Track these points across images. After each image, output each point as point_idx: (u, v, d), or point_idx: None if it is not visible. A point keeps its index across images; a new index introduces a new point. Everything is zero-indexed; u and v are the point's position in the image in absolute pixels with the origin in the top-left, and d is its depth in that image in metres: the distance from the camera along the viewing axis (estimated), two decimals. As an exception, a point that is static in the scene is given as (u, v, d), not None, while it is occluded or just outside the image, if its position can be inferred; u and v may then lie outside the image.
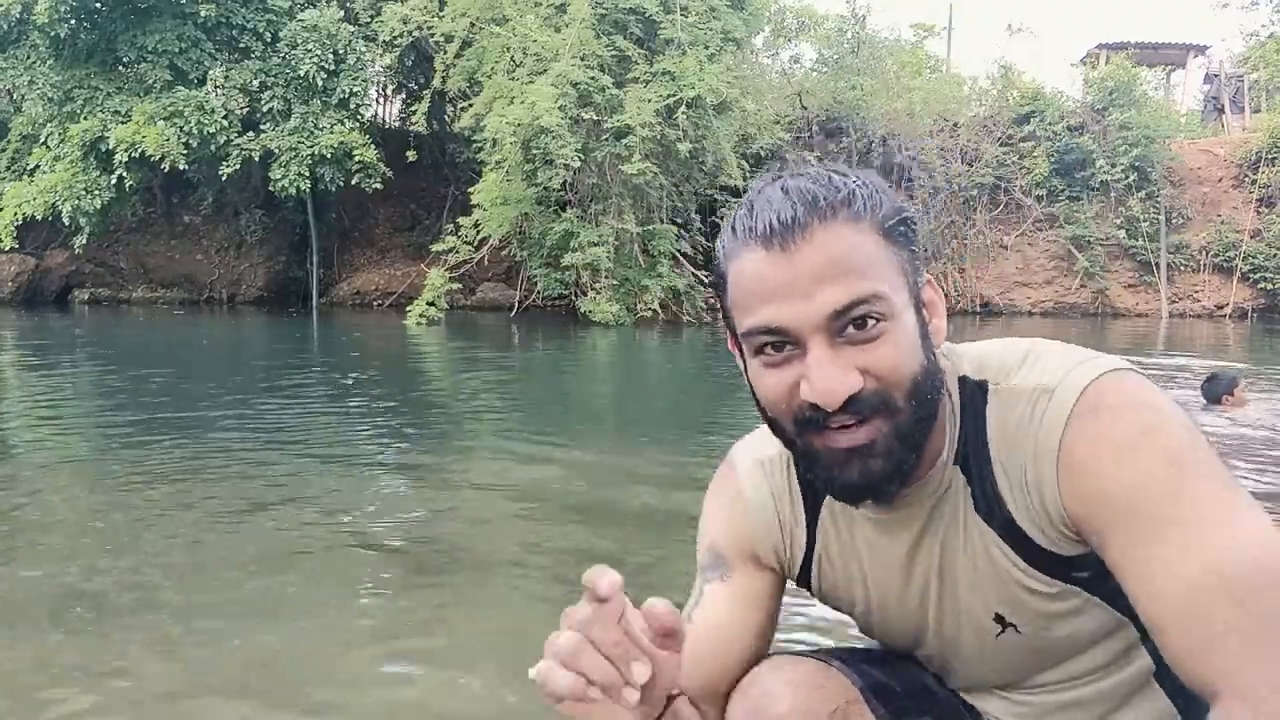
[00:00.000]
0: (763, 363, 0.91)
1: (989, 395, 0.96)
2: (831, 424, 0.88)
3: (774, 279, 0.87)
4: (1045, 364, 0.94)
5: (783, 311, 0.86)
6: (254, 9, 17.91)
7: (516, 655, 2.47)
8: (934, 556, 1.01)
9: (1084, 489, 0.87)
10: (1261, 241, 18.71)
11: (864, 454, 0.89)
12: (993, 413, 0.95)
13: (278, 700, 2.20)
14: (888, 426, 0.88)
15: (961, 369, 0.99)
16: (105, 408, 6.66)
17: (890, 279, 0.88)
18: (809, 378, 0.86)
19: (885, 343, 0.87)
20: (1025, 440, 0.92)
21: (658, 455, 5.01)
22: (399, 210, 21.69)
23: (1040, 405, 0.91)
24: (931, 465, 0.97)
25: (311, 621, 2.66)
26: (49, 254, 20.37)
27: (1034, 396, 0.92)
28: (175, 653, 2.44)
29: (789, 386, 0.89)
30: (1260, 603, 0.78)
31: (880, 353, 0.87)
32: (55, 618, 2.67)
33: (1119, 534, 0.85)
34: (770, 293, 0.87)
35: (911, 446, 0.90)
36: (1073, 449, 0.88)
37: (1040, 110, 19.70)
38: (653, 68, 15.13)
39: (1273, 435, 5.43)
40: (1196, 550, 0.81)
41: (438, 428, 6.27)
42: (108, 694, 2.19)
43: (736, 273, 0.90)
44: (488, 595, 2.97)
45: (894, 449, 0.89)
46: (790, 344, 0.88)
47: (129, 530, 3.52)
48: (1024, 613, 0.98)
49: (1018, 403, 0.93)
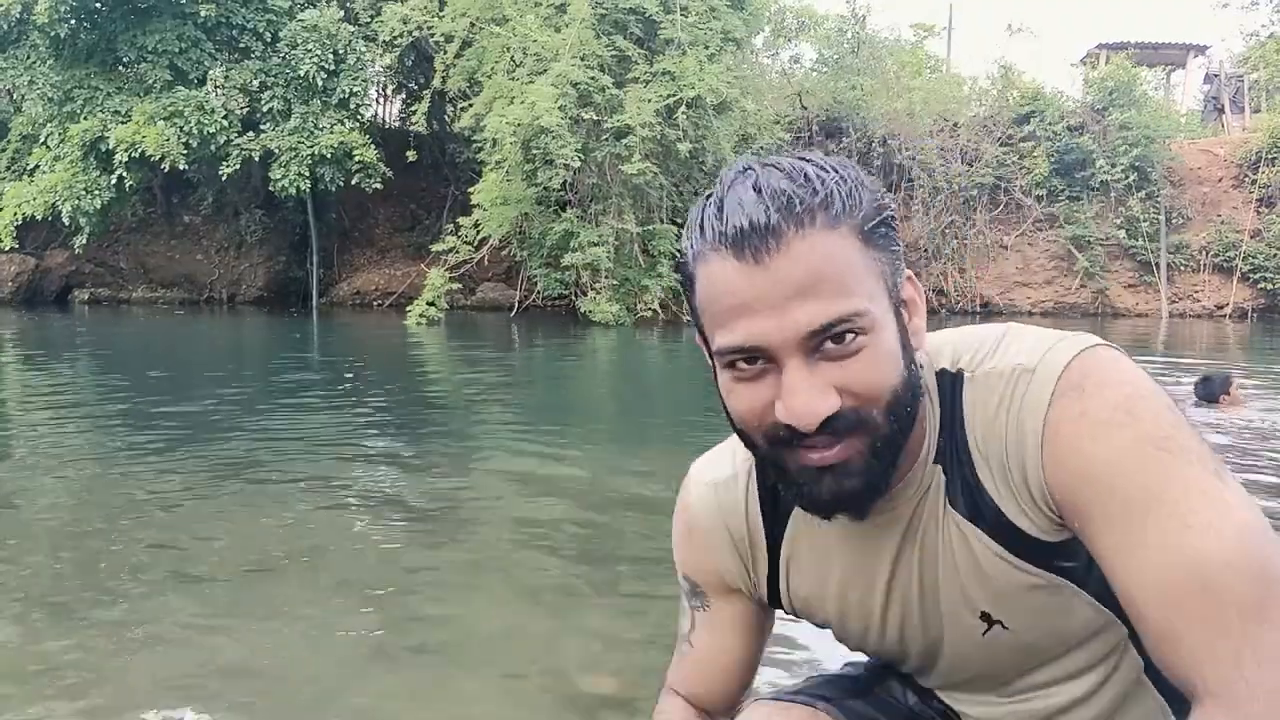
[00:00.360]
0: (734, 377, 0.87)
1: (965, 384, 0.93)
2: (805, 444, 0.85)
3: (747, 293, 0.81)
4: (1022, 345, 0.92)
5: (756, 329, 0.82)
6: (254, 9, 17.91)
7: (513, 657, 2.47)
8: (915, 558, 0.98)
9: (1068, 466, 0.85)
10: (1261, 241, 18.70)
11: (838, 472, 0.86)
12: (970, 400, 0.92)
13: (268, 700, 2.20)
14: (864, 443, 0.85)
15: (939, 362, 0.96)
16: (105, 407, 6.66)
17: (870, 288, 0.83)
18: (784, 400, 0.83)
19: (864, 358, 0.83)
20: (1007, 422, 0.89)
21: (657, 455, 5.02)
22: (399, 210, 21.69)
23: (1021, 385, 0.88)
24: (911, 467, 0.95)
25: (305, 621, 2.66)
26: (49, 254, 20.38)
27: (1013, 377, 0.89)
28: (170, 653, 2.44)
29: (763, 404, 0.85)
30: (1237, 596, 0.76)
31: (858, 368, 0.83)
32: (43, 614, 2.67)
33: (1100, 515, 0.83)
34: (743, 307, 0.82)
35: (889, 461, 0.88)
36: (1058, 426, 0.85)
37: (1040, 110, 19.70)
38: (653, 68, 15.14)
39: (1272, 432, 5.45)
40: (1175, 537, 0.79)
41: (437, 428, 6.27)
42: (102, 694, 2.19)
43: (706, 278, 0.85)
44: (486, 598, 2.97)
45: (870, 466, 0.86)
46: (764, 359, 0.84)
47: (128, 530, 3.52)
48: (1010, 608, 0.96)
49: (997, 384, 0.90)
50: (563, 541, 3.53)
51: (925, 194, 19.49)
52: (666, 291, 15.68)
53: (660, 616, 2.68)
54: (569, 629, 2.65)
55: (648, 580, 3.03)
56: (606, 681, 2.30)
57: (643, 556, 3.30)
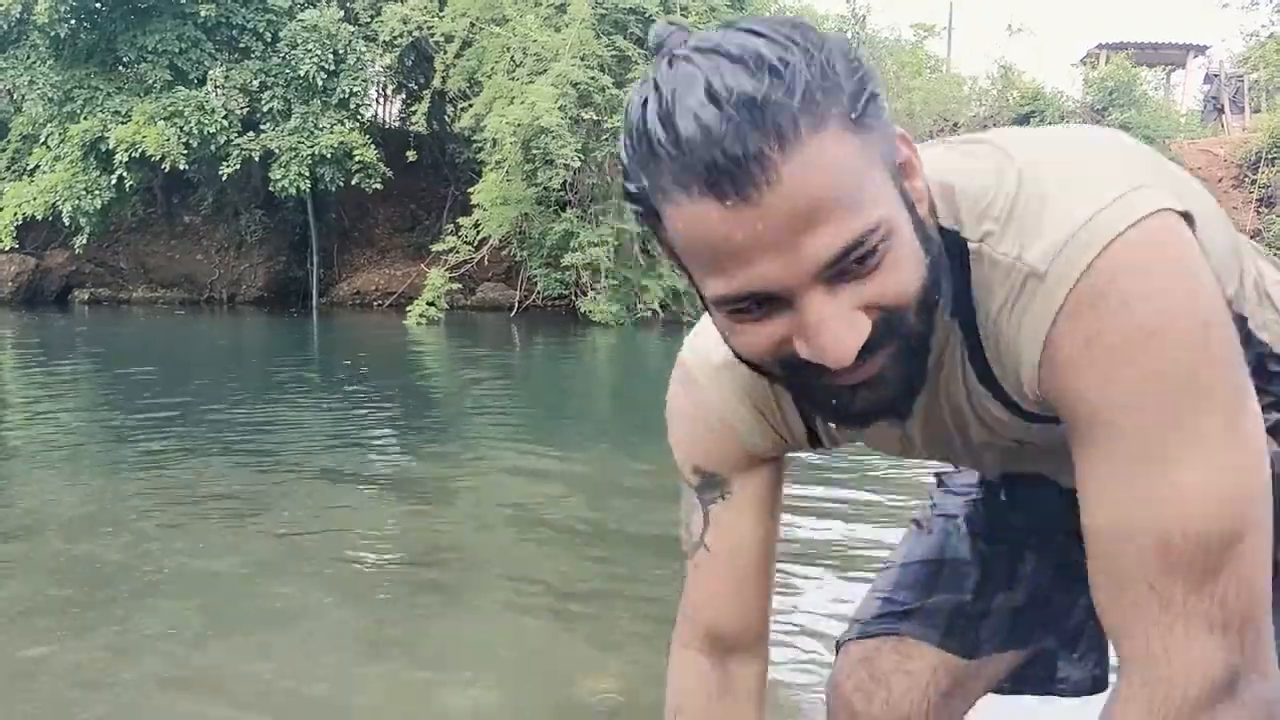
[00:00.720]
0: (736, 320, 0.73)
1: (970, 257, 0.79)
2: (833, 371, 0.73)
3: (740, 237, 0.66)
4: (1039, 220, 0.75)
5: (758, 273, 0.68)
6: (254, 9, 17.90)
7: (513, 657, 2.47)
8: (944, 408, 0.90)
9: (1064, 386, 0.75)
10: (1261, 241, 18.70)
11: (874, 384, 0.75)
12: (976, 280, 0.79)
13: (266, 699, 2.20)
14: (896, 348, 0.73)
15: (942, 218, 0.80)
16: (104, 406, 6.66)
17: (878, 185, 0.70)
18: (809, 339, 0.70)
19: (887, 265, 0.70)
20: (1009, 324, 0.78)
21: (657, 455, 5.01)
22: (399, 210, 21.68)
23: (1028, 292, 0.75)
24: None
25: (302, 622, 2.66)
26: (49, 254, 20.36)
27: (1021, 278, 0.75)
28: (166, 652, 2.44)
29: (776, 341, 0.73)
30: (1192, 568, 0.72)
31: (884, 278, 0.70)
32: (35, 615, 2.67)
33: (1087, 440, 0.76)
34: (738, 253, 0.67)
35: (923, 355, 0.77)
36: (1059, 344, 0.74)
37: (1040, 110, 19.69)
38: (653, 68, 15.14)
39: None
40: (1156, 492, 0.72)
41: (437, 430, 6.26)
42: (101, 694, 2.19)
43: (680, 222, 0.69)
44: (485, 597, 2.97)
45: (907, 370, 0.75)
46: (774, 300, 0.71)
47: (125, 528, 3.52)
48: (1041, 437, 0.89)
49: (1003, 279, 0.77)
50: (563, 541, 3.53)
51: (925, 194, 19.51)
52: (666, 291, 15.68)
53: (661, 616, 2.68)
54: (569, 628, 2.65)
55: (648, 580, 3.03)
56: (606, 682, 2.30)
57: (643, 556, 3.30)
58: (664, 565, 3.20)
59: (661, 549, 3.39)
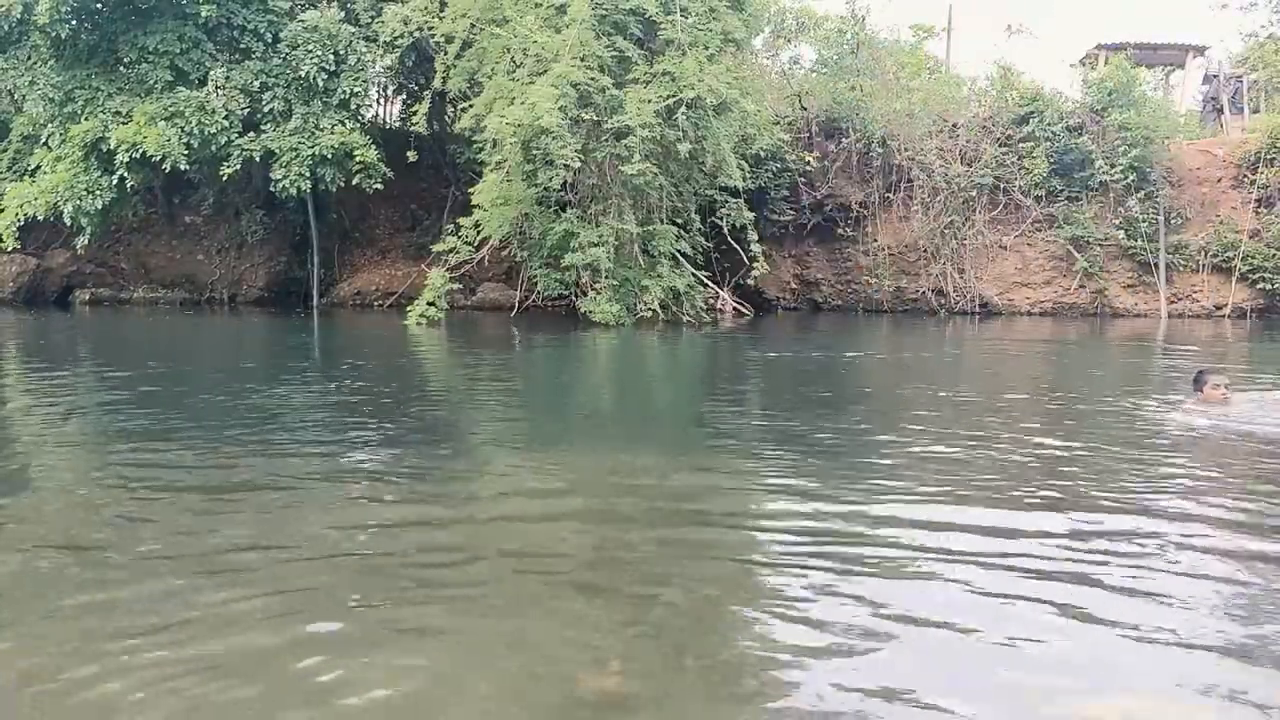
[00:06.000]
0: None
1: None
2: None
3: None
4: None
5: None
6: (255, 10, 17.92)
7: (514, 656, 2.48)
8: None
9: None
10: (1260, 241, 18.71)
11: None
12: None
13: (265, 696, 2.21)
14: None
15: None
16: (103, 407, 6.67)
17: None
18: None
19: None
20: None
21: (657, 455, 5.03)
22: (399, 210, 21.69)
23: None
24: None
25: (304, 620, 2.68)
26: (50, 254, 20.38)
27: None
28: (164, 653, 2.45)
29: None
30: None
31: None
32: (32, 609, 2.69)
33: None
34: None
35: None
36: None
37: (1039, 111, 19.70)
38: (652, 68, 15.14)
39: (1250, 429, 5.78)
40: None
41: (437, 429, 6.28)
42: (102, 692, 2.21)
43: None
44: (486, 597, 2.98)
45: None
46: None
47: (122, 529, 3.54)
48: None
49: None
50: (563, 541, 3.54)
51: (924, 194, 19.51)
52: (666, 291, 15.69)
53: (661, 616, 2.69)
54: (570, 628, 2.66)
55: (649, 579, 3.05)
56: (606, 681, 2.31)
57: (644, 556, 3.31)
58: (665, 564, 3.21)
59: (662, 548, 3.41)
